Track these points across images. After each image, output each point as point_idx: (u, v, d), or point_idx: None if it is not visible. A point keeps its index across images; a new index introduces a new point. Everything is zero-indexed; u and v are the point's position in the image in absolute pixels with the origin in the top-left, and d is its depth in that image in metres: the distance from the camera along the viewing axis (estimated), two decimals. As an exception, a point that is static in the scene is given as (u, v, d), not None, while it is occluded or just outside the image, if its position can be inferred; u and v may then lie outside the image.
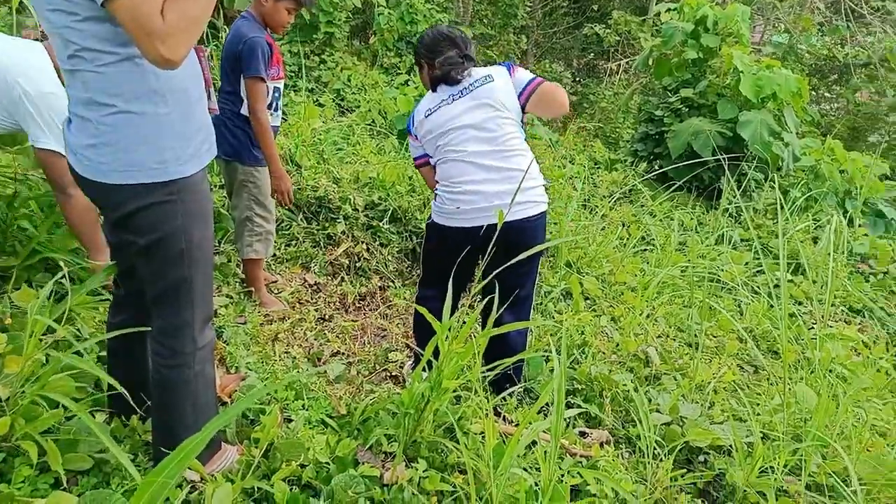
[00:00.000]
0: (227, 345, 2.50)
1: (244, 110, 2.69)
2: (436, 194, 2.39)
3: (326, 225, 3.77)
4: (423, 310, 1.84)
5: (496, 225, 2.00)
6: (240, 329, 2.67)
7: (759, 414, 2.47)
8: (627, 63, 12.02)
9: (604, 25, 11.08)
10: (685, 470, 2.19)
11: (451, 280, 2.01)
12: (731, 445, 2.24)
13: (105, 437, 1.32)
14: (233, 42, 2.61)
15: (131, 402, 1.58)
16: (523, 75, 2.36)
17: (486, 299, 2.17)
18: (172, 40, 1.25)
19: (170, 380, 1.63)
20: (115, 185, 1.43)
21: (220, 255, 3.28)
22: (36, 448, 1.54)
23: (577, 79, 12.54)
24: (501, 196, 2.22)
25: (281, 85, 2.81)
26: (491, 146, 2.27)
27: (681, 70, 7.08)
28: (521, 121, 2.40)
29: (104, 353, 1.91)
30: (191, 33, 1.29)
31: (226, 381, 2.24)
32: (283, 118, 5.08)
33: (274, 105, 2.77)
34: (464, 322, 1.99)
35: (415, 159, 2.58)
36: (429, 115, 2.37)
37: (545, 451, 1.71)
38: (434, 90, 2.41)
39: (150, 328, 1.64)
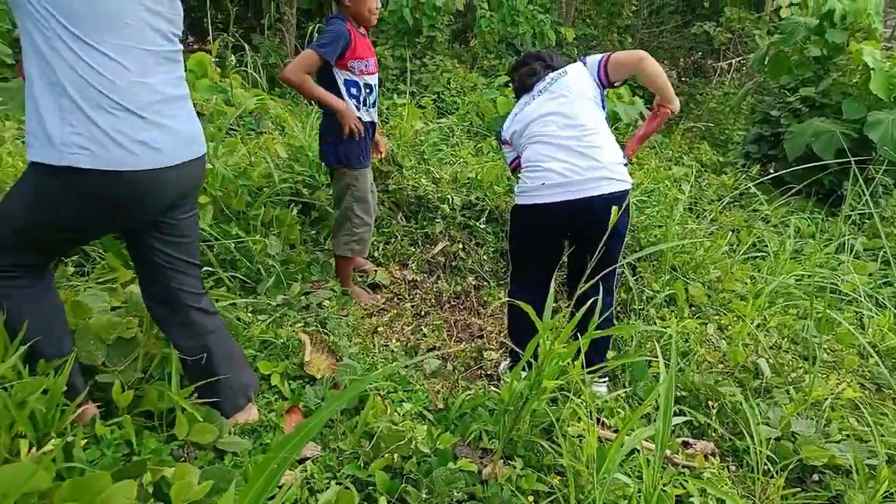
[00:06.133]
0: (331, 335, 2.61)
1: (345, 95, 2.74)
2: (519, 178, 2.47)
3: (425, 224, 3.83)
4: (526, 307, 1.83)
5: (582, 201, 2.18)
6: (342, 321, 2.77)
7: (883, 435, 2.27)
8: (739, 62, 11.41)
9: (714, 23, 10.57)
10: (798, 489, 2.05)
11: (548, 276, 2.00)
12: (850, 466, 2.08)
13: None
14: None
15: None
16: (595, 57, 2.50)
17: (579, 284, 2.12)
18: None
19: None
20: None
21: (325, 253, 3.41)
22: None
23: (683, 78, 12.03)
24: (582, 171, 2.29)
25: (373, 81, 2.83)
26: (569, 131, 2.38)
27: (801, 68, 6.64)
28: (603, 104, 2.50)
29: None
30: None
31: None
32: (384, 119, 5.26)
33: (364, 101, 2.82)
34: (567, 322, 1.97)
35: (509, 164, 2.73)
36: (515, 117, 2.58)
37: (648, 458, 1.66)
38: (518, 99, 2.64)
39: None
